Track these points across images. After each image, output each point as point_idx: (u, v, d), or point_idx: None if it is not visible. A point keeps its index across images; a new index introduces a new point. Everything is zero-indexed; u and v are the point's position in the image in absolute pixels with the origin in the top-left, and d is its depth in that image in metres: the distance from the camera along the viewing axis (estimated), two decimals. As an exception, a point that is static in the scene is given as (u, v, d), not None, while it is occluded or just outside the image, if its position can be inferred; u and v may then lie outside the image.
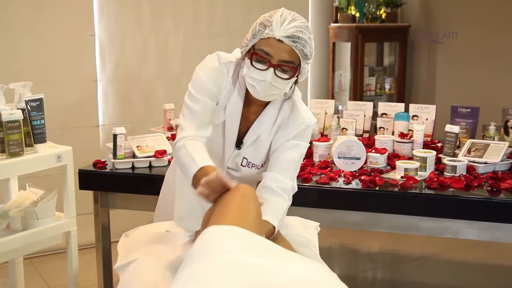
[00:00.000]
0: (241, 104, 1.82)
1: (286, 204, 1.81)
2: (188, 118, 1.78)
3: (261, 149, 1.86)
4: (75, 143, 2.81)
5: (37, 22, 3.31)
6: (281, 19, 1.69)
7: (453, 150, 2.59)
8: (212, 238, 1.33)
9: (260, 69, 1.70)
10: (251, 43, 1.73)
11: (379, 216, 2.33)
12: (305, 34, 1.70)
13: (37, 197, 2.22)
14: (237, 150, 1.86)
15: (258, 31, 1.70)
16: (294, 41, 1.68)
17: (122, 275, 1.69)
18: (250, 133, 1.85)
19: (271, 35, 1.68)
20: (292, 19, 1.70)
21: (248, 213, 1.51)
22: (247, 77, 1.74)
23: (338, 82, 4.72)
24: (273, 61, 1.69)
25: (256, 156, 1.87)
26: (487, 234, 2.24)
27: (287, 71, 1.71)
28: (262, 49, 1.70)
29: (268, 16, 1.72)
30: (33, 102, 2.10)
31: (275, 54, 1.69)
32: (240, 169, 1.88)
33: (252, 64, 1.71)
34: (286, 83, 1.73)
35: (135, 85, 3.67)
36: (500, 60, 4.08)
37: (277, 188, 1.79)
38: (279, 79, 1.70)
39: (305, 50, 1.71)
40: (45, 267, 3.28)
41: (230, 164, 1.88)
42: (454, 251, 3.54)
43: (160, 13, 3.67)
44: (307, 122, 1.86)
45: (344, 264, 3.53)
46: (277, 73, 1.70)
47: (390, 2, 4.59)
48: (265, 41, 1.69)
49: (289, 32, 1.67)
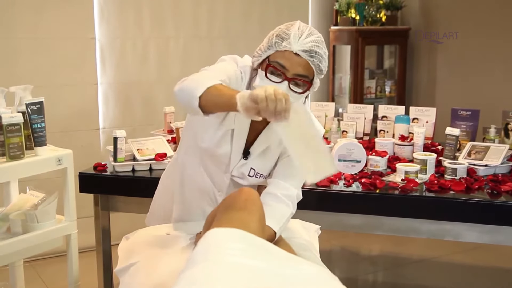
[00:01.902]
0: None
1: (290, 211, 1.79)
2: (204, 72, 1.66)
3: (269, 159, 1.85)
4: (75, 146, 2.81)
5: (38, 26, 3.31)
6: (299, 32, 1.67)
7: (454, 152, 2.59)
8: (214, 241, 1.33)
9: (275, 82, 1.67)
10: (265, 54, 1.70)
11: (380, 219, 2.33)
12: (321, 49, 1.69)
13: (38, 200, 2.22)
14: (243, 160, 1.83)
15: (275, 43, 1.68)
16: (311, 55, 1.67)
17: (122, 278, 1.69)
18: (257, 144, 1.83)
19: (288, 48, 1.66)
20: (309, 33, 1.68)
21: (251, 217, 1.51)
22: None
23: (338, 85, 4.72)
24: (288, 75, 1.67)
25: (264, 167, 1.85)
26: (488, 237, 2.24)
27: (301, 85, 1.70)
28: (277, 61, 1.67)
29: (285, 28, 1.69)
30: (34, 105, 2.11)
31: (291, 67, 1.66)
32: (246, 179, 1.85)
33: (267, 76, 1.68)
34: (299, 97, 1.71)
35: (135, 88, 3.67)
36: (501, 63, 4.09)
37: (281, 195, 1.77)
38: (293, 92, 1.68)
39: (321, 66, 1.70)
40: (45, 270, 3.28)
41: (235, 173, 1.85)
42: (455, 254, 3.53)
43: (160, 16, 3.67)
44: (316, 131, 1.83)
45: (344, 267, 3.53)
46: (291, 86, 1.68)
47: (390, 5, 4.59)
48: (281, 54, 1.67)
49: (306, 47, 1.66)
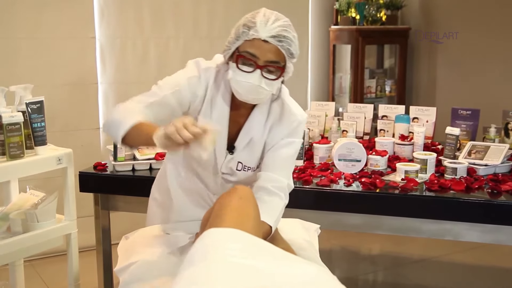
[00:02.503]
0: (228, 108, 1.79)
1: (283, 203, 1.80)
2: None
3: (255, 151, 1.84)
4: (75, 145, 2.81)
5: (38, 25, 3.31)
6: (264, 19, 1.66)
7: (454, 152, 2.59)
8: (212, 241, 1.33)
9: (247, 71, 1.67)
10: (234, 45, 1.70)
11: (380, 218, 2.33)
12: (290, 33, 1.68)
13: (38, 199, 2.22)
14: (230, 155, 1.83)
15: (242, 33, 1.67)
16: (280, 40, 1.65)
17: (122, 278, 1.69)
18: (241, 137, 1.82)
19: (256, 36, 1.65)
20: (276, 19, 1.67)
21: (247, 215, 1.51)
22: (233, 81, 1.70)
23: (338, 85, 4.72)
24: (259, 63, 1.66)
25: (251, 159, 1.85)
26: (488, 237, 2.24)
27: (274, 71, 1.69)
28: (247, 51, 1.66)
29: (250, 17, 1.69)
30: (34, 104, 2.11)
31: (261, 55, 1.66)
32: (236, 174, 1.85)
33: (238, 67, 1.68)
34: (273, 84, 1.71)
35: (135, 88, 3.61)
36: (501, 62, 4.08)
37: (273, 187, 1.77)
38: (267, 80, 1.68)
39: (291, 49, 1.68)
40: (45, 269, 3.28)
41: (224, 169, 1.85)
42: (455, 253, 3.53)
43: (160, 16, 3.67)
44: (299, 118, 1.84)
45: (344, 266, 3.53)
46: (264, 74, 1.67)
47: (390, 4, 4.59)
48: (250, 43, 1.66)
49: (274, 32, 1.65)
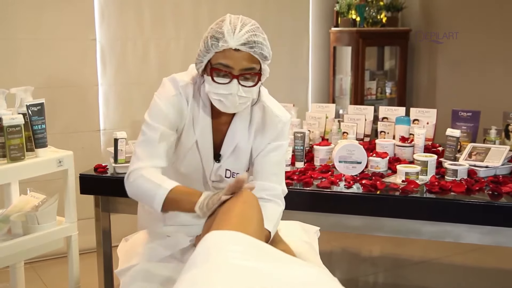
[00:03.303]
0: (209, 119, 1.79)
1: (280, 209, 1.80)
2: (144, 147, 1.73)
3: (242, 157, 1.84)
4: (76, 147, 2.81)
5: (38, 27, 3.32)
6: (231, 27, 1.63)
7: (454, 154, 2.59)
8: (214, 243, 1.33)
9: (223, 83, 1.65)
10: (206, 58, 1.67)
11: (380, 220, 2.33)
12: (259, 36, 1.66)
13: (38, 201, 2.22)
14: (217, 163, 1.83)
15: (211, 45, 1.64)
16: (251, 46, 1.63)
17: (123, 280, 1.69)
18: (225, 145, 1.82)
19: (226, 46, 1.62)
20: (242, 25, 1.65)
21: (250, 220, 1.51)
22: (211, 94, 1.69)
23: (338, 86, 4.72)
24: (234, 72, 1.65)
25: (239, 166, 1.85)
26: (488, 238, 2.24)
27: (250, 78, 1.67)
28: (220, 62, 1.64)
29: (216, 27, 1.66)
30: (34, 106, 2.11)
31: (235, 64, 1.64)
32: (225, 181, 1.85)
33: (214, 80, 1.66)
34: (252, 90, 1.69)
35: (136, 90, 3.67)
36: (501, 63, 4.08)
37: (268, 196, 1.78)
38: (245, 87, 1.66)
39: (264, 53, 1.67)
40: (46, 271, 3.27)
41: (213, 177, 1.85)
42: (455, 255, 3.53)
43: (161, 17, 3.68)
44: (283, 120, 1.83)
45: (345, 268, 3.53)
46: (241, 82, 1.66)
47: (390, 6, 4.59)
48: (221, 54, 1.64)
49: (243, 39, 1.62)
